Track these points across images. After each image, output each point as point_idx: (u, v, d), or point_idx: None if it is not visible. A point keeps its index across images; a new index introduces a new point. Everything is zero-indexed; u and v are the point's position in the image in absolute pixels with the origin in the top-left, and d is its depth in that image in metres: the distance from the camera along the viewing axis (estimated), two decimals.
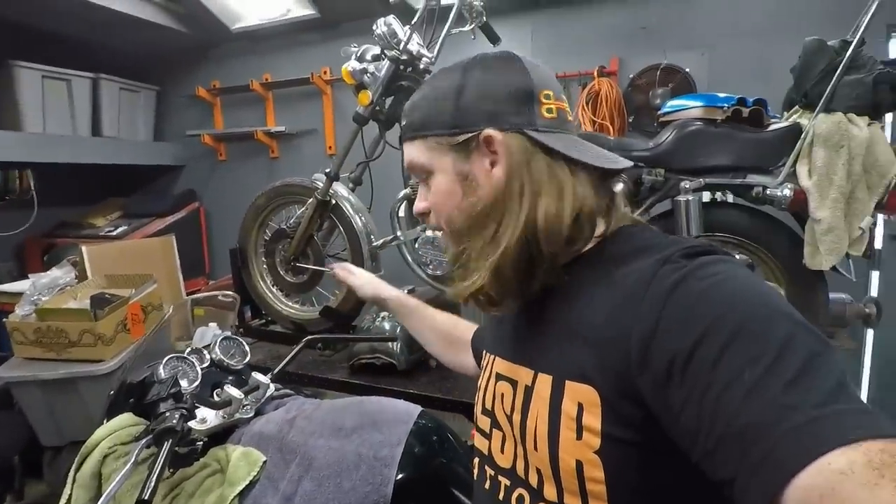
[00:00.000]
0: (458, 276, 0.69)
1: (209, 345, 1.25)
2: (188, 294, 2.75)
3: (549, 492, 0.60)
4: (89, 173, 3.18)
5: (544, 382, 0.61)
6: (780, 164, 1.49)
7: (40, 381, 1.92)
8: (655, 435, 0.51)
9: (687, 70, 2.40)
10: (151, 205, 3.31)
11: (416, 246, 1.85)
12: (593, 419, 0.55)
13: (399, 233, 1.89)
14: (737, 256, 1.65)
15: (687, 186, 1.53)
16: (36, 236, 3.11)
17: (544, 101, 0.66)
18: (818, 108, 1.42)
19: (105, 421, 1.08)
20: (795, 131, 1.46)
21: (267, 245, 2.15)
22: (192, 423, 0.99)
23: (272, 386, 1.23)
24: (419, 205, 0.74)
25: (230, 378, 1.19)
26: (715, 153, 1.52)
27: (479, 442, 0.74)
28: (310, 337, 1.35)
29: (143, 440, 0.86)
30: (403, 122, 0.73)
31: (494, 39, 1.94)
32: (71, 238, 3.05)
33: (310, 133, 3.13)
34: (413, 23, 1.73)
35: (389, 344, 1.71)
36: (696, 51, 2.41)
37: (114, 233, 3.07)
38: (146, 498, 0.71)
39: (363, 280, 1.28)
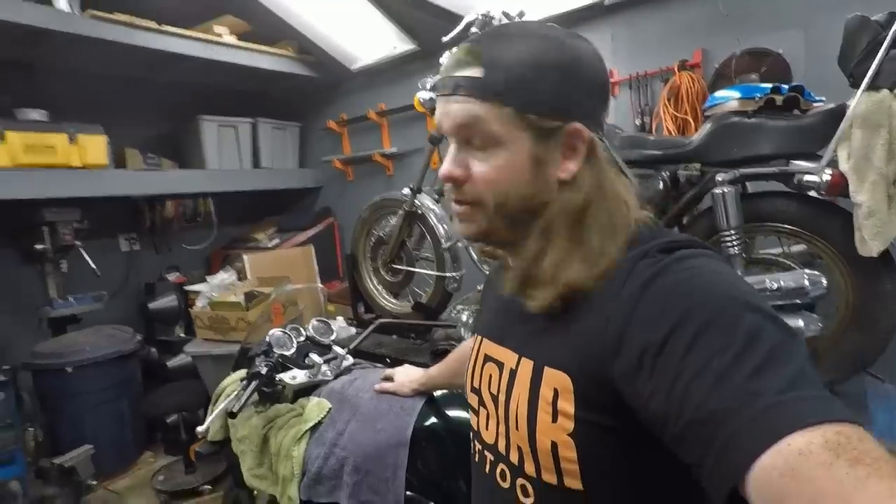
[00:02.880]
0: (535, 272, 0.64)
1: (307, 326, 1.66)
2: (327, 290, 3.32)
3: (529, 468, 0.64)
4: (252, 198, 3.99)
5: (526, 367, 0.64)
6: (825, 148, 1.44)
7: (211, 355, 2.56)
8: (627, 421, 0.54)
9: (780, 51, 2.27)
10: (296, 221, 4.01)
11: None
12: (567, 404, 0.58)
13: None
14: (792, 248, 1.62)
15: (721, 178, 1.55)
16: (217, 249, 3.99)
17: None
18: (861, 87, 1.35)
19: (231, 373, 1.55)
20: (838, 114, 1.40)
21: (372, 250, 2.58)
22: (284, 377, 1.38)
23: (349, 357, 1.59)
24: (454, 170, 0.65)
25: (317, 349, 1.57)
26: (750, 144, 1.51)
27: (472, 419, 0.79)
28: (381, 320, 1.70)
29: (243, 381, 1.26)
30: (469, 71, 0.62)
31: None
32: (240, 250, 3.86)
33: (418, 152, 3.55)
34: None
35: (460, 330, 1.99)
36: (789, 30, 2.25)
37: (270, 245, 3.81)
38: (234, 412, 1.10)
39: (399, 382, 1.29)
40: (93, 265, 3.09)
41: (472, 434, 0.79)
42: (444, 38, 2.12)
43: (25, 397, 2.69)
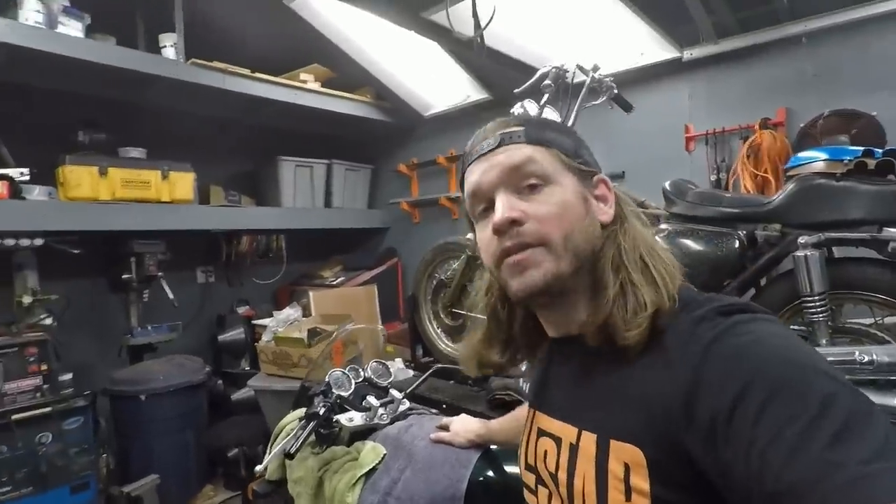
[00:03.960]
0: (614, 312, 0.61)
1: (366, 367, 1.62)
2: (387, 331, 3.30)
3: None
4: (322, 236, 4.11)
5: (589, 441, 0.61)
6: None
7: (273, 391, 2.56)
8: (706, 497, 0.51)
9: (874, 114, 2.12)
10: (362, 260, 4.07)
11: None
12: (641, 480, 0.54)
13: None
14: (885, 320, 1.43)
15: (805, 241, 1.43)
16: (285, 284, 4.10)
17: None
18: None
19: (292, 410, 1.52)
20: None
21: (433, 293, 2.54)
22: (341, 419, 1.33)
23: (406, 401, 1.53)
24: (513, 212, 0.64)
25: (374, 391, 1.52)
26: (838, 207, 1.42)
27: (528, 497, 0.74)
28: (438, 366, 1.63)
29: (301, 421, 1.22)
30: (514, 129, 0.68)
31: (628, 108, 2.06)
32: (306, 286, 3.95)
33: None
34: (542, 103, 1.96)
35: (520, 381, 1.88)
36: (883, 92, 2.13)
37: (335, 282, 3.87)
38: (292, 452, 1.05)
39: (454, 431, 1.22)
40: (171, 296, 3.25)
41: None
42: (517, 90, 2.11)
43: (102, 423, 2.79)
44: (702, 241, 1.62)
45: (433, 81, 3.49)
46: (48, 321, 2.72)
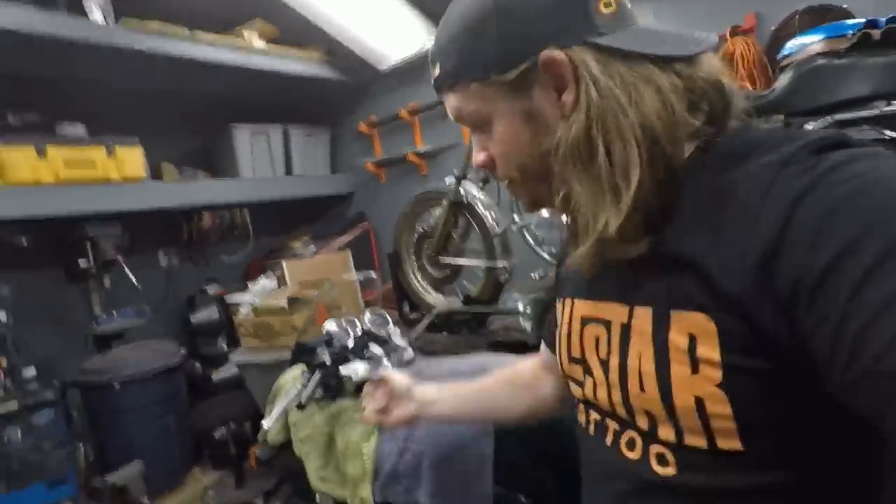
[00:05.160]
0: (579, 229, 0.57)
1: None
2: (364, 300, 3.24)
3: (665, 433, 0.53)
4: (286, 207, 3.95)
5: (643, 316, 0.54)
6: None
7: (258, 364, 2.48)
8: (784, 362, 0.45)
9: (844, 6, 2.11)
10: (331, 228, 3.95)
11: (534, 228, 1.99)
12: (710, 350, 0.48)
13: (516, 217, 2.04)
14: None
15: (812, 127, 1.39)
16: (256, 260, 3.95)
17: None
18: None
19: (289, 369, 1.45)
20: None
21: (416, 246, 2.48)
22: (344, 370, 1.28)
23: (409, 349, 1.49)
24: (478, 157, 0.65)
25: (377, 341, 1.48)
26: (843, 86, 1.34)
27: (575, 391, 0.68)
28: (437, 310, 1.59)
29: (305, 374, 1.17)
30: (435, 71, 0.63)
31: None
32: (278, 259, 3.81)
33: (452, 147, 3.46)
34: None
35: (520, 320, 1.87)
36: None
37: (306, 254, 3.75)
38: (303, 404, 1.00)
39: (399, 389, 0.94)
40: (133, 280, 3.08)
41: (581, 405, 0.67)
42: None
43: (75, 415, 2.66)
44: None
45: (387, 32, 3.32)
46: (2, 317, 2.53)
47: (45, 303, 2.97)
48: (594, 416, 0.64)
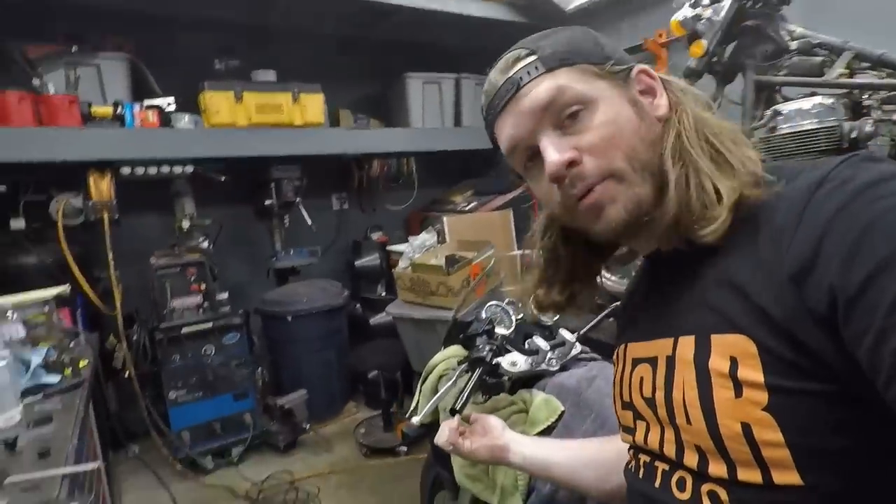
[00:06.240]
0: (695, 212, 0.53)
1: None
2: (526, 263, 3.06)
3: (717, 469, 0.51)
4: (452, 159, 3.86)
5: (686, 345, 0.54)
6: None
7: (412, 318, 2.47)
8: (841, 383, 0.44)
9: None
10: (494, 184, 3.78)
11: None
12: (752, 371, 0.47)
13: None
14: None
15: None
16: (416, 211, 3.98)
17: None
18: None
19: (442, 349, 1.33)
20: None
21: None
22: (502, 362, 1.11)
23: (578, 345, 1.26)
24: (566, 152, 0.56)
25: (539, 331, 1.28)
26: None
27: (624, 437, 0.67)
28: (618, 303, 1.32)
29: (462, 365, 1.01)
30: (532, 57, 0.58)
31: None
32: (438, 212, 3.79)
33: None
34: None
35: None
36: None
37: (467, 208, 3.65)
38: (458, 409, 0.84)
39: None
40: (309, 221, 3.28)
41: (630, 451, 0.66)
42: None
43: (256, 340, 2.97)
44: None
45: None
46: (205, 244, 2.87)
47: (238, 236, 3.33)
48: (643, 459, 0.63)
